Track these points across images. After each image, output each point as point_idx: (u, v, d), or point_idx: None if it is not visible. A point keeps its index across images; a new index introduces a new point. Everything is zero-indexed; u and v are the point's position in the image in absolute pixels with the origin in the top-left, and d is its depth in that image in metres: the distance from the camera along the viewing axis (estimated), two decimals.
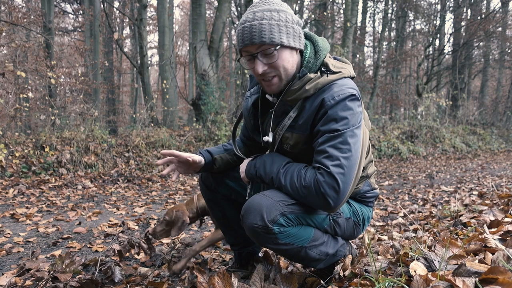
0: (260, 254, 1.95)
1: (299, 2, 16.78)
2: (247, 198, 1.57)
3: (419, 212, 3.69)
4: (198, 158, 1.66)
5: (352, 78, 1.47)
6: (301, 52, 1.44)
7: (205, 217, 2.67)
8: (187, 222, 2.19)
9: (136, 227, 3.38)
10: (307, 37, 1.48)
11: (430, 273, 1.15)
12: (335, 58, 1.53)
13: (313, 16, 16.61)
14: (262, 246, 1.58)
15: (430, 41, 17.97)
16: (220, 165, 1.72)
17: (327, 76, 1.38)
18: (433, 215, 3.24)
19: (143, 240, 2.43)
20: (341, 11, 18.35)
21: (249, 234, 1.37)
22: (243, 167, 1.57)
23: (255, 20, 1.32)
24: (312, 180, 1.29)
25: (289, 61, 1.38)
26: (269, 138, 1.50)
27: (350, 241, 1.69)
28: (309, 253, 1.42)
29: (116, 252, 2.30)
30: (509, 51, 19.90)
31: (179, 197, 5.06)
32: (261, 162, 1.48)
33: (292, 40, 1.36)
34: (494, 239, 1.48)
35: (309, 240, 1.40)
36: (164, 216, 2.21)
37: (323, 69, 1.41)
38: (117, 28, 21.25)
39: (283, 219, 1.32)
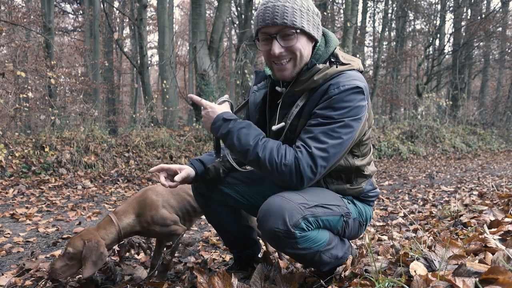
0: (260, 255, 1.94)
1: None
2: (214, 150, 1.58)
3: (419, 212, 3.69)
4: (188, 170, 1.59)
5: (361, 72, 1.47)
6: (315, 44, 1.45)
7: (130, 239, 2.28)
8: (106, 255, 1.68)
9: None
10: None
11: (430, 273, 1.15)
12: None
13: None
14: (279, 251, 1.54)
15: (430, 41, 17.97)
16: (213, 175, 1.66)
17: (336, 67, 1.38)
18: (433, 215, 3.24)
19: (143, 240, 2.43)
20: (341, 11, 18.35)
21: (268, 238, 1.34)
22: (210, 116, 1.44)
23: (278, 2, 1.33)
24: (293, 158, 1.31)
25: (305, 48, 1.39)
26: (278, 126, 1.47)
27: (349, 242, 1.69)
28: (323, 257, 1.41)
29: (116, 252, 2.30)
30: (509, 51, 19.90)
31: None
32: (235, 127, 1.39)
33: (311, 28, 1.38)
34: (494, 239, 1.48)
35: (325, 244, 1.39)
36: (66, 247, 1.67)
37: (332, 59, 1.41)
38: (117, 28, 21.25)
39: (305, 223, 1.30)
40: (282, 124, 1.45)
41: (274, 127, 1.47)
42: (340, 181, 1.54)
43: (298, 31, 1.34)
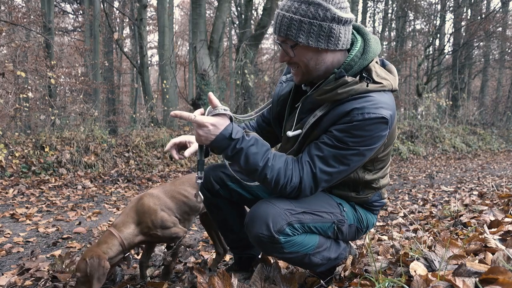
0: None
1: None
2: (199, 160, 1.43)
3: (419, 212, 3.69)
4: (196, 145, 1.52)
5: (394, 91, 1.37)
6: (349, 50, 1.33)
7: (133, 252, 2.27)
8: (108, 267, 1.68)
9: None
10: (360, 32, 1.37)
11: (430, 273, 1.15)
12: (383, 63, 1.43)
13: None
14: (267, 255, 1.54)
15: (430, 41, 17.96)
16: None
17: (367, 86, 1.26)
18: (433, 215, 3.24)
19: None
20: None
21: (254, 243, 1.35)
22: (211, 134, 1.26)
23: (283, 10, 1.27)
24: (298, 180, 1.30)
25: (311, 59, 1.30)
26: (295, 132, 1.40)
27: (349, 242, 1.69)
28: (313, 259, 1.41)
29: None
30: (509, 51, 19.90)
31: None
32: (244, 146, 1.27)
33: (314, 40, 1.25)
34: (494, 239, 1.48)
35: (314, 248, 1.39)
36: (75, 273, 1.70)
37: (364, 74, 1.28)
38: (117, 28, 21.23)
39: (289, 229, 1.30)
40: (299, 131, 1.39)
41: (290, 133, 1.41)
42: (347, 188, 1.50)
43: (294, 44, 1.28)
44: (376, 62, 1.36)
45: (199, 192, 1.45)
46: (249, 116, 1.67)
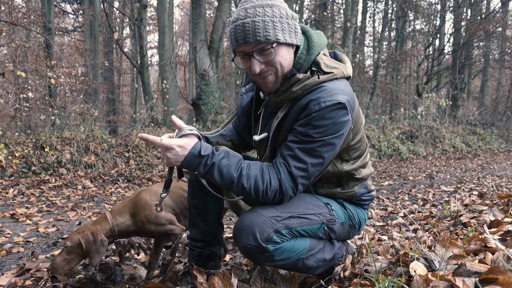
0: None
1: (299, 2, 16.81)
2: (166, 179, 1.45)
3: (419, 212, 3.69)
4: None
5: (348, 78, 1.40)
6: (297, 48, 1.37)
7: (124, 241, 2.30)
8: (106, 240, 1.75)
9: None
10: (302, 31, 1.40)
11: (430, 273, 1.15)
12: (335, 54, 1.47)
13: (313, 16, 16.64)
14: (258, 264, 1.52)
15: (430, 41, 17.97)
16: None
17: (318, 78, 1.30)
18: (433, 215, 3.24)
19: (143, 240, 2.43)
20: (341, 11, 18.35)
21: (243, 254, 1.35)
22: (179, 156, 1.26)
23: (247, 18, 1.26)
24: (277, 182, 1.30)
25: (286, 58, 1.32)
26: (260, 136, 1.43)
27: (348, 241, 1.67)
28: (307, 263, 1.40)
29: (116, 252, 2.30)
30: (509, 51, 19.90)
31: None
32: (215, 160, 1.28)
33: (288, 36, 1.30)
34: (494, 239, 1.48)
35: (306, 251, 1.38)
36: (65, 242, 1.74)
37: (313, 68, 1.33)
38: (117, 28, 21.23)
39: (277, 236, 1.29)
40: (265, 134, 1.42)
41: (256, 138, 1.44)
42: (331, 184, 1.51)
43: (274, 45, 1.27)
44: (324, 54, 1.40)
45: (160, 204, 1.48)
46: (216, 132, 1.68)
